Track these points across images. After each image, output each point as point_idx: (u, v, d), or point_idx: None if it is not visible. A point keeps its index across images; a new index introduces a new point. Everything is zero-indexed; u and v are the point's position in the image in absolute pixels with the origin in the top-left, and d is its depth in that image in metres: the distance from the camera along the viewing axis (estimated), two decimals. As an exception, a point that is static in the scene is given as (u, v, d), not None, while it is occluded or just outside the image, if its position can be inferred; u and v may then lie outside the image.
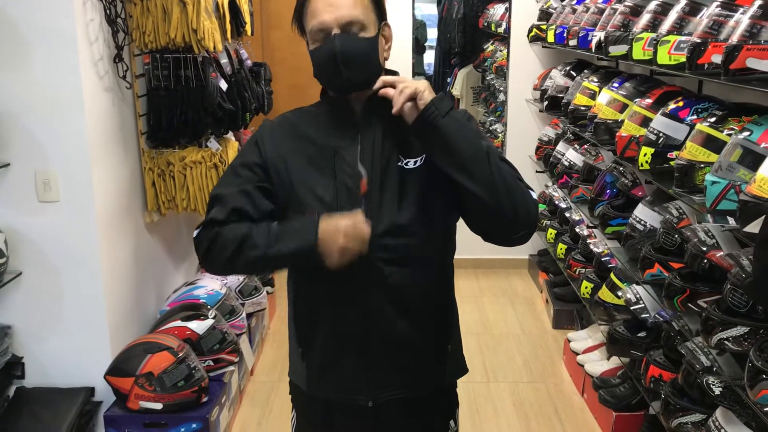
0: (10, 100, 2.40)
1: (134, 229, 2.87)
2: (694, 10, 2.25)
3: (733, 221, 1.85)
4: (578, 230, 3.51)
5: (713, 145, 2.05)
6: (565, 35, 3.62)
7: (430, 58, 6.06)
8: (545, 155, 4.08)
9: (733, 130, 2.01)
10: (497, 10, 4.99)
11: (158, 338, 2.70)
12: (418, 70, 5.65)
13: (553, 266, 4.28)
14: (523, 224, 1.42)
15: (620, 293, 2.81)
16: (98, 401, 2.66)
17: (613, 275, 2.95)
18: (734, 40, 1.80)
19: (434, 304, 1.56)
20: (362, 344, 1.51)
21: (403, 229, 1.45)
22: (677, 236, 2.34)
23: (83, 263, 2.55)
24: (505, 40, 4.72)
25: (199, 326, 2.86)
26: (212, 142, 3.00)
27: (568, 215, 3.69)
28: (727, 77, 1.82)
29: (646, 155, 2.37)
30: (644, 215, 2.62)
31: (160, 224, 3.09)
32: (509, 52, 4.60)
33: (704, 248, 2.06)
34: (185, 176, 2.88)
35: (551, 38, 3.88)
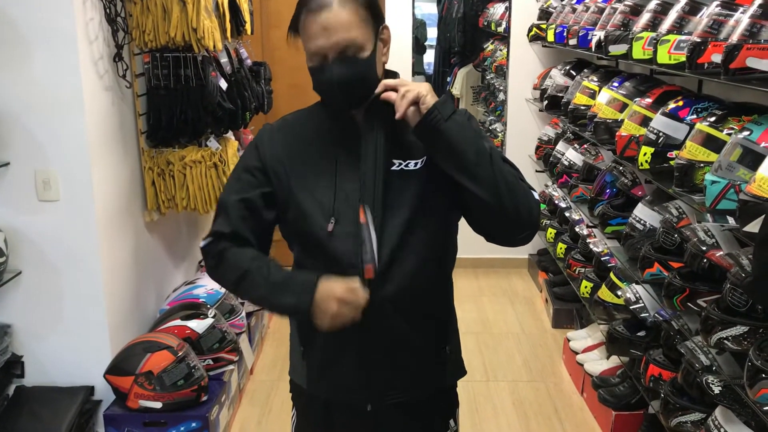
0: (9, 99, 2.40)
1: (134, 228, 2.87)
2: (694, 9, 2.25)
3: (732, 221, 1.85)
4: (578, 230, 3.51)
5: (713, 144, 2.05)
6: (565, 34, 3.62)
7: (430, 57, 6.06)
8: (545, 155, 4.08)
9: (732, 129, 2.01)
10: (497, 9, 4.99)
11: (158, 337, 2.70)
12: (418, 69, 5.65)
13: (552, 266, 4.28)
14: (525, 225, 1.43)
15: (620, 292, 2.82)
16: (98, 400, 2.66)
17: (612, 275, 2.95)
18: (734, 39, 1.80)
19: (433, 305, 1.56)
20: (362, 345, 1.50)
21: (404, 238, 1.45)
22: (677, 236, 2.34)
23: (83, 262, 2.55)
24: (504, 39, 4.72)
25: (198, 325, 2.86)
26: (212, 141, 3.00)
27: (567, 215, 3.69)
28: (726, 77, 1.82)
29: (645, 155, 2.37)
30: (644, 215, 2.62)
31: (159, 223, 3.09)
32: (509, 51, 4.60)
33: (704, 248, 2.06)
34: (185, 175, 2.88)
35: (551, 37, 3.88)
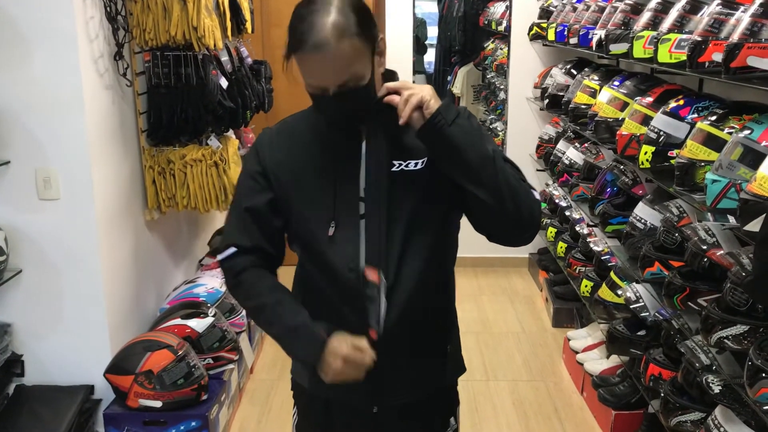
0: (10, 98, 2.39)
1: (134, 227, 2.87)
2: (694, 8, 2.25)
3: (733, 220, 1.85)
4: (578, 229, 3.51)
5: (714, 143, 2.05)
6: (565, 33, 3.62)
7: (430, 56, 6.07)
8: (546, 154, 4.08)
9: (733, 128, 2.01)
10: (498, 8, 4.99)
11: (158, 336, 2.70)
12: (418, 68, 5.65)
13: (553, 265, 4.28)
14: (526, 226, 1.44)
15: (620, 292, 2.81)
16: (98, 399, 2.66)
17: (613, 274, 2.95)
18: (735, 38, 1.80)
19: (436, 304, 1.56)
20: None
21: (408, 239, 1.46)
22: (677, 235, 2.34)
23: (83, 261, 2.55)
24: (505, 38, 4.71)
25: (198, 324, 2.86)
26: (213, 140, 2.99)
27: (568, 214, 3.69)
28: (727, 75, 1.82)
29: (646, 154, 2.37)
30: (644, 214, 2.62)
31: (160, 222, 3.09)
32: (510, 50, 4.60)
33: (704, 247, 2.05)
34: (185, 174, 2.88)
35: (552, 36, 3.88)
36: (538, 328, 3.97)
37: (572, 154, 3.64)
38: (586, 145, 3.51)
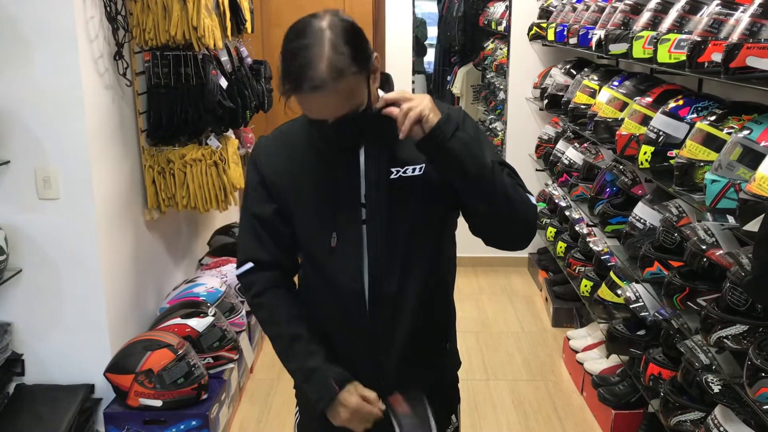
0: (10, 97, 2.40)
1: (134, 226, 2.87)
2: (694, 8, 2.25)
3: (732, 220, 1.85)
4: (578, 228, 3.51)
5: (713, 143, 2.05)
6: (565, 33, 3.62)
7: (430, 56, 6.06)
8: (545, 153, 4.08)
9: (732, 128, 2.01)
10: (497, 8, 4.99)
11: (158, 335, 2.70)
12: (418, 68, 5.65)
13: (552, 264, 4.28)
14: (522, 233, 1.46)
15: (620, 291, 2.82)
16: (98, 398, 2.67)
17: (612, 273, 2.96)
18: (734, 38, 1.80)
19: (438, 305, 1.57)
20: (370, 347, 1.53)
21: (410, 244, 1.47)
22: (677, 235, 2.34)
23: (83, 261, 2.55)
24: (505, 38, 4.72)
25: (198, 324, 2.86)
26: (212, 139, 3.00)
27: (567, 214, 3.69)
28: (727, 76, 1.82)
29: (645, 154, 2.37)
30: (644, 214, 2.62)
31: (160, 222, 3.09)
32: (509, 50, 4.60)
33: (704, 247, 2.06)
34: (185, 174, 2.88)
35: (551, 36, 3.88)
36: (537, 327, 3.97)
37: (572, 154, 3.64)
38: (585, 145, 3.51)
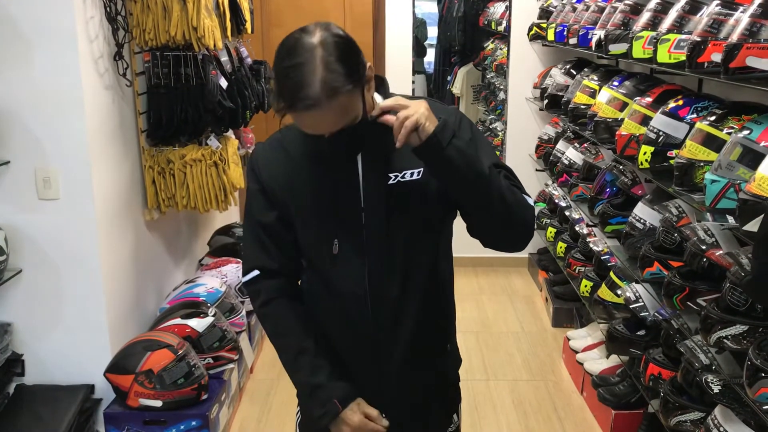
0: (9, 97, 2.40)
1: (134, 226, 2.87)
2: (694, 8, 2.25)
3: (732, 220, 1.85)
4: (578, 229, 3.51)
5: (713, 143, 2.05)
6: (565, 33, 3.62)
7: (430, 56, 6.07)
8: (545, 154, 4.08)
9: (732, 128, 2.01)
10: (497, 8, 5.00)
11: (158, 336, 2.70)
12: (418, 68, 5.65)
13: (552, 265, 4.28)
14: (519, 236, 1.46)
15: (620, 292, 2.82)
16: (98, 398, 2.67)
17: (612, 274, 2.96)
18: (734, 38, 1.80)
19: (439, 306, 1.58)
20: (373, 350, 1.53)
21: (410, 248, 1.47)
22: (677, 235, 2.34)
23: (83, 261, 2.55)
24: (505, 38, 4.72)
25: (198, 324, 2.86)
26: (212, 140, 3.00)
27: (567, 214, 3.69)
28: (726, 76, 1.82)
29: (645, 154, 2.37)
30: (644, 214, 2.62)
31: (160, 222, 3.09)
32: (509, 50, 4.60)
33: (703, 247, 2.06)
34: (185, 174, 2.88)
35: (551, 36, 3.88)
36: (537, 327, 3.97)
37: (572, 154, 3.64)
38: (585, 145, 3.51)
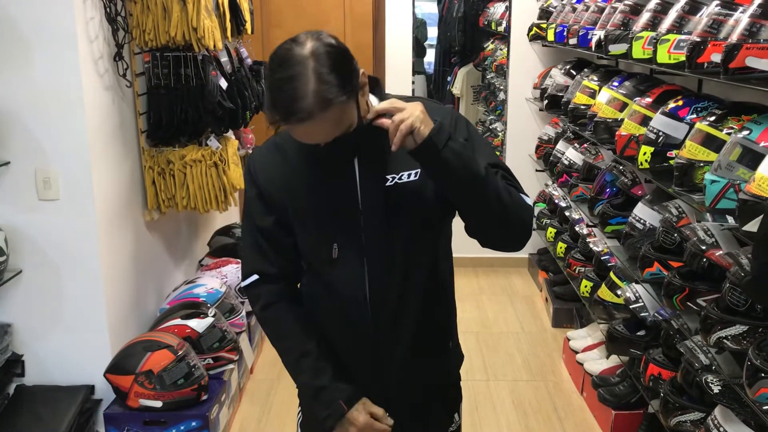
0: (9, 98, 2.40)
1: (134, 227, 2.87)
2: (693, 8, 2.25)
3: (732, 220, 1.85)
4: (578, 229, 3.51)
5: (713, 144, 2.05)
6: (565, 34, 3.62)
7: (430, 56, 6.07)
8: (545, 154, 4.08)
9: (732, 129, 2.01)
10: (497, 8, 5.00)
11: (158, 336, 2.70)
12: (418, 68, 5.65)
13: (552, 265, 4.28)
14: (516, 236, 1.46)
15: (619, 292, 2.82)
16: (98, 399, 2.67)
17: (612, 274, 2.96)
18: (734, 38, 1.80)
19: (440, 306, 1.58)
20: (374, 350, 1.53)
21: (410, 250, 1.48)
22: (677, 235, 2.34)
23: (83, 261, 2.55)
24: (505, 38, 4.72)
25: (198, 324, 2.86)
26: (212, 140, 3.00)
27: (567, 214, 3.69)
28: (726, 76, 1.82)
29: (645, 154, 2.37)
30: (644, 214, 2.62)
31: (160, 222, 3.09)
32: (509, 50, 4.60)
33: (703, 247, 2.06)
34: (185, 174, 2.88)
35: (551, 37, 3.88)
36: (537, 328, 3.97)
37: (572, 154, 3.64)
38: (585, 145, 3.51)
